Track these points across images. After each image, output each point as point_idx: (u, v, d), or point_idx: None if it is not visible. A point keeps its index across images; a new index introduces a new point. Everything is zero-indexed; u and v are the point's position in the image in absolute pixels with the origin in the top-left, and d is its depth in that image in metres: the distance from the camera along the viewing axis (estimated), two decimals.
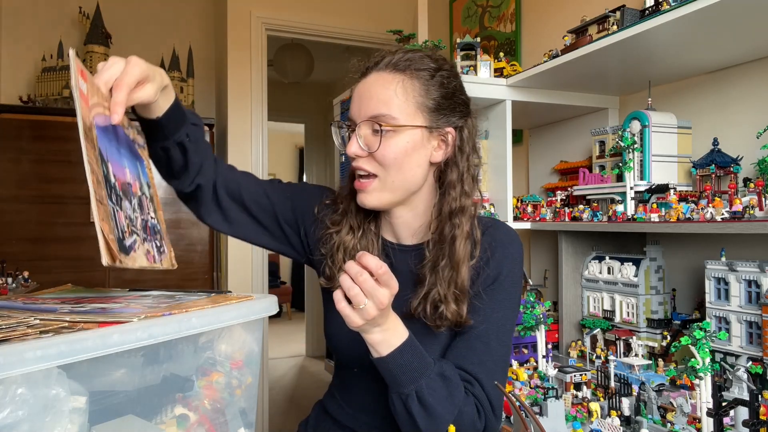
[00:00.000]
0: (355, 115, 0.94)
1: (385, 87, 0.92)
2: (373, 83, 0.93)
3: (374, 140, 0.91)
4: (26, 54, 3.17)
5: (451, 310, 0.91)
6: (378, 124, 0.90)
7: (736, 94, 1.59)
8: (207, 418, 0.68)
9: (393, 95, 0.91)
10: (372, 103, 0.92)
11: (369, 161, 0.92)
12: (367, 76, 0.95)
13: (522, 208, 2.00)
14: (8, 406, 0.47)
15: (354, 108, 0.95)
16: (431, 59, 0.96)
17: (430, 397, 0.83)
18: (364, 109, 0.92)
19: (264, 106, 3.43)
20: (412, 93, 0.92)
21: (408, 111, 0.92)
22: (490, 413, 0.92)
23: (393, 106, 0.91)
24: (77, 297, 0.76)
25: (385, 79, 0.92)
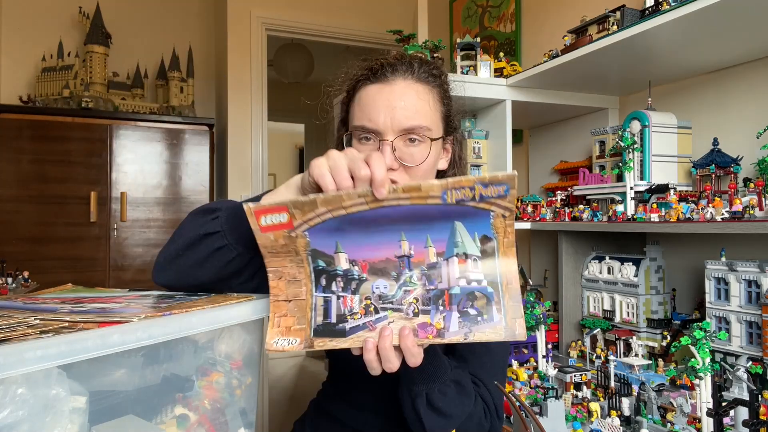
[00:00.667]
0: (385, 124, 0.87)
1: (419, 98, 0.89)
2: (404, 92, 0.88)
3: (410, 153, 0.88)
4: (26, 54, 3.17)
5: None
6: (417, 136, 0.88)
7: (736, 94, 1.59)
8: (207, 418, 0.68)
9: (427, 107, 0.90)
10: (409, 114, 0.87)
11: (400, 175, 0.89)
12: (390, 83, 0.89)
13: (522, 208, 2.00)
14: (8, 406, 0.47)
15: (382, 115, 0.87)
16: (439, 69, 0.95)
17: (439, 401, 0.82)
18: (399, 120, 0.87)
19: (264, 106, 3.43)
20: (437, 105, 0.92)
21: (436, 123, 0.91)
22: (495, 415, 0.93)
23: (428, 118, 0.89)
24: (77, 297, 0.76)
25: (417, 89, 0.89)
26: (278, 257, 0.66)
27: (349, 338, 0.66)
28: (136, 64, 3.33)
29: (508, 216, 0.63)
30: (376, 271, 0.66)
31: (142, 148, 3.03)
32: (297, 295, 0.67)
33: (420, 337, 0.66)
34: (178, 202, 3.09)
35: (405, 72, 0.90)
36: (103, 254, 2.94)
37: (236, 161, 3.36)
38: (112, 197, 2.96)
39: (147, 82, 3.38)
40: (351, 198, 0.63)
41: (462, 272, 0.65)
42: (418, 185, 0.61)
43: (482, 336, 0.65)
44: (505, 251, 0.65)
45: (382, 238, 0.65)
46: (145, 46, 3.46)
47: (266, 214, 0.64)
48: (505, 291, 0.65)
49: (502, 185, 0.61)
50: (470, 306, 0.65)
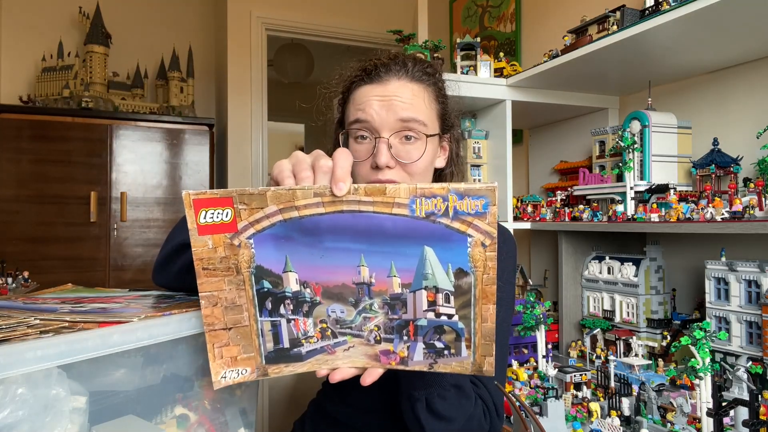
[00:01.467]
0: (381, 120, 0.87)
1: (414, 95, 0.89)
2: (399, 91, 0.89)
3: (406, 150, 0.88)
4: (26, 54, 3.17)
5: None
6: (413, 132, 0.88)
7: (736, 94, 1.59)
8: (207, 418, 0.68)
9: (422, 104, 0.90)
10: (405, 107, 0.88)
11: (397, 172, 0.89)
12: (384, 83, 0.90)
13: (522, 208, 2.00)
14: (8, 406, 0.47)
15: (376, 112, 0.88)
16: (433, 68, 0.95)
17: (439, 405, 0.82)
18: (394, 113, 0.87)
19: (264, 106, 3.43)
20: (432, 101, 0.92)
21: (432, 120, 0.92)
22: (495, 414, 0.92)
23: (423, 114, 0.89)
24: (77, 297, 0.76)
25: (411, 88, 0.90)
26: (214, 277, 0.56)
27: (307, 362, 0.60)
28: (136, 64, 3.33)
29: (489, 245, 0.55)
30: (331, 296, 0.59)
31: (142, 148, 3.03)
32: (237, 321, 0.58)
33: (382, 362, 0.61)
34: (178, 202, 3.09)
35: (399, 71, 0.91)
36: (103, 254, 2.94)
37: (236, 161, 3.36)
38: (112, 197, 2.96)
39: (147, 82, 3.38)
40: (306, 196, 0.55)
41: (430, 306, 0.58)
42: (384, 188, 0.54)
43: (447, 368, 0.60)
44: (483, 290, 0.56)
45: (338, 261, 0.57)
46: (145, 46, 3.46)
47: (208, 208, 0.55)
48: (478, 329, 0.58)
49: (480, 199, 0.54)
50: (437, 339, 0.59)
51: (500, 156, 1.87)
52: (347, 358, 0.61)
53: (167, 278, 0.85)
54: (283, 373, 0.60)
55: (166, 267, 0.84)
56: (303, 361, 0.60)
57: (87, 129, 2.93)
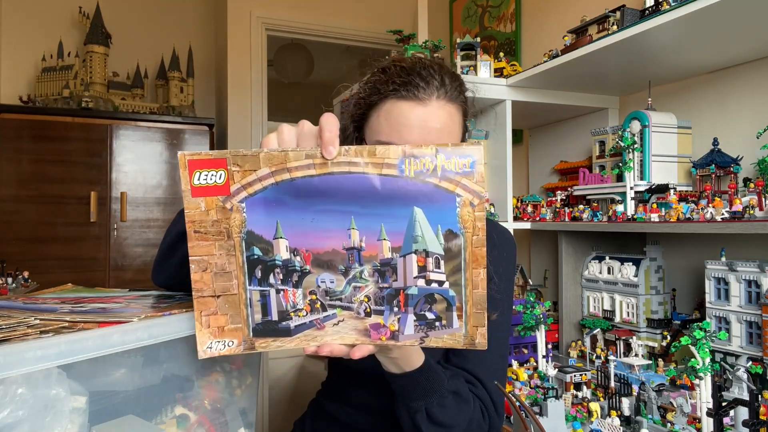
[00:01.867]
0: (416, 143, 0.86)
1: (451, 119, 0.88)
2: (439, 113, 0.86)
3: None
4: (26, 54, 3.17)
5: None
6: None
7: (736, 94, 1.59)
8: (207, 418, 0.68)
9: (456, 127, 0.89)
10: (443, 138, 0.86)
11: None
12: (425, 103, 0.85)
13: (522, 208, 2.00)
14: (8, 406, 0.47)
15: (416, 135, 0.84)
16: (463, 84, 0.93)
17: (439, 414, 0.82)
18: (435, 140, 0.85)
19: (264, 106, 3.43)
20: (461, 121, 0.92)
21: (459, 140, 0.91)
22: (494, 413, 0.92)
23: (456, 137, 0.89)
24: (77, 297, 0.76)
25: (449, 110, 0.87)
26: (206, 241, 0.57)
27: (296, 337, 0.59)
28: (136, 64, 3.32)
29: (477, 204, 0.56)
30: (321, 264, 0.58)
31: (142, 148, 3.03)
32: (226, 289, 0.58)
33: (372, 338, 0.60)
34: (178, 202, 3.09)
35: (438, 89, 0.86)
36: (103, 254, 2.93)
37: None
38: (112, 197, 2.96)
39: (147, 82, 3.37)
40: (298, 158, 0.55)
41: (421, 271, 0.58)
42: (374, 149, 0.55)
43: (439, 342, 0.59)
44: (473, 252, 0.57)
45: (328, 224, 0.57)
46: (145, 46, 3.46)
47: (202, 169, 0.55)
48: (469, 297, 0.58)
49: (467, 157, 0.55)
50: (428, 309, 0.59)
51: (500, 156, 1.87)
52: (336, 334, 0.60)
53: (167, 274, 0.84)
54: (270, 348, 0.59)
55: (165, 262, 0.84)
56: (291, 336, 0.59)
57: (87, 129, 2.93)
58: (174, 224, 0.84)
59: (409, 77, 0.86)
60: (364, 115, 0.92)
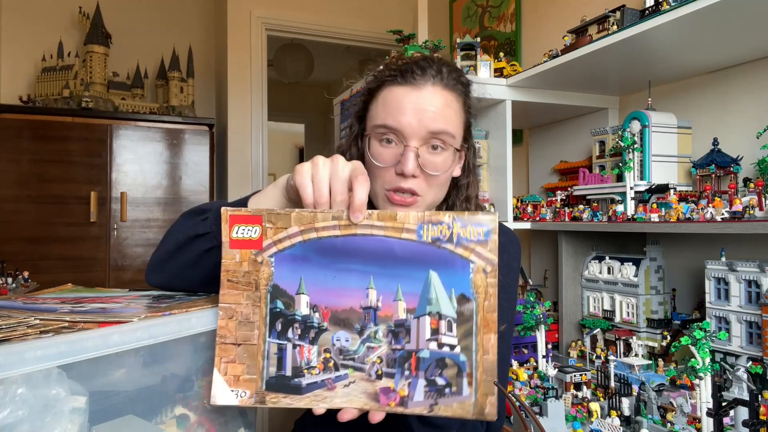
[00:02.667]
0: (411, 129, 0.85)
1: (448, 105, 0.87)
2: (433, 96, 0.86)
3: (432, 160, 0.87)
4: (26, 54, 3.17)
5: None
6: (441, 143, 0.86)
7: (736, 94, 1.59)
8: (207, 418, 0.68)
9: (454, 115, 0.89)
10: (437, 118, 0.86)
11: (419, 182, 0.87)
12: (419, 87, 0.86)
13: (522, 208, 2.00)
14: (8, 406, 0.47)
15: (408, 117, 0.85)
16: (465, 77, 0.94)
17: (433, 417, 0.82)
18: (426, 124, 0.85)
19: (264, 106, 3.43)
20: (461, 111, 0.91)
21: (459, 131, 0.91)
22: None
23: (454, 125, 0.88)
24: (77, 297, 0.76)
25: (446, 96, 0.88)
26: (236, 290, 0.61)
27: (306, 396, 0.60)
28: (136, 64, 3.33)
29: (490, 272, 0.58)
30: (338, 321, 0.60)
31: (142, 148, 3.03)
32: (248, 338, 0.60)
33: (381, 404, 0.59)
34: (178, 202, 3.09)
35: (435, 77, 0.88)
36: (103, 254, 2.94)
37: (236, 161, 3.36)
38: (112, 197, 2.96)
39: (147, 82, 3.38)
40: (325, 219, 0.60)
41: (433, 334, 0.59)
42: (395, 214, 0.60)
43: (448, 411, 0.59)
44: (485, 317, 0.58)
45: (349, 282, 0.60)
46: (145, 46, 3.46)
47: (240, 224, 0.61)
48: (480, 363, 0.58)
49: (482, 227, 0.58)
50: (439, 374, 0.59)
51: (500, 156, 1.87)
52: (346, 396, 0.60)
53: (166, 276, 0.84)
54: (281, 404, 0.60)
55: (168, 263, 0.83)
56: (302, 394, 0.60)
57: (87, 129, 2.93)
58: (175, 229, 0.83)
59: (407, 66, 0.88)
60: (366, 106, 0.93)
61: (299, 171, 0.65)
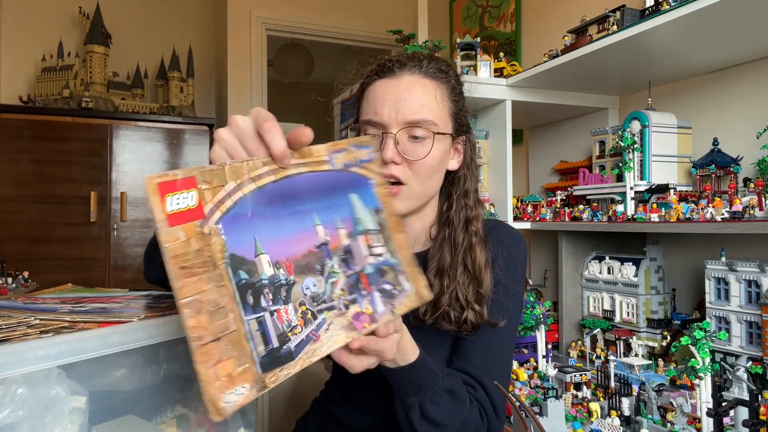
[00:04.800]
0: (390, 117, 0.87)
1: (425, 92, 0.89)
2: (410, 85, 0.88)
3: (413, 147, 0.88)
4: (26, 54, 3.17)
5: (477, 311, 0.92)
6: (421, 129, 0.87)
7: (736, 94, 1.59)
8: (207, 418, 0.68)
9: (434, 101, 0.89)
10: (414, 107, 0.87)
11: (403, 169, 0.88)
12: (397, 78, 0.89)
13: (522, 208, 2.00)
14: (8, 406, 0.47)
15: (387, 108, 0.88)
16: (451, 67, 0.95)
17: (433, 411, 0.82)
18: (403, 113, 0.87)
19: (264, 106, 3.42)
20: (445, 102, 0.91)
21: (443, 119, 0.91)
22: (493, 416, 0.92)
23: (434, 112, 0.89)
24: (77, 297, 0.76)
25: (424, 84, 0.89)
26: (193, 276, 0.50)
27: (299, 359, 0.56)
28: (136, 64, 3.32)
29: (383, 183, 0.67)
30: (302, 270, 0.58)
31: (142, 148, 3.03)
32: (225, 327, 0.51)
33: (359, 330, 0.61)
34: None
35: (413, 67, 0.90)
36: (103, 254, 2.93)
37: None
38: (112, 197, 2.96)
39: (147, 82, 3.37)
40: (257, 166, 0.56)
41: (368, 250, 0.64)
42: (309, 149, 0.60)
43: (402, 308, 0.65)
44: (393, 220, 0.67)
45: (298, 225, 0.58)
46: (145, 46, 3.46)
47: (173, 192, 0.49)
48: (404, 258, 0.67)
49: (368, 148, 0.66)
50: (384, 282, 0.64)
51: (500, 156, 1.87)
52: (330, 340, 0.59)
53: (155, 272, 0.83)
54: (280, 379, 0.56)
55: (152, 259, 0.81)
56: (294, 359, 0.56)
57: (87, 129, 2.93)
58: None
59: (387, 62, 0.91)
60: (359, 106, 0.96)
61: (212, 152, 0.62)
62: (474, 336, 0.94)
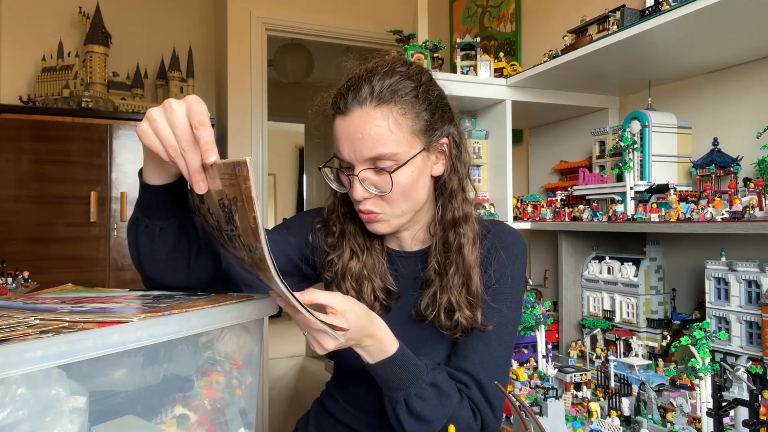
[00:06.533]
0: (350, 157, 0.87)
1: (376, 125, 0.84)
2: (361, 123, 0.85)
3: (379, 180, 0.87)
4: (26, 54, 3.17)
5: (466, 316, 0.92)
6: (383, 161, 0.86)
7: (736, 94, 1.59)
8: (207, 418, 0.68)
9: (388, 132, 0.85)
10: (368, 145, 0.85)
11: (376, 201, 0.89)
12: (350, 114, 0.86)
13: (522, 208, 2.00)
14: (8, 406, 0.47)
15: (346, 149, 0.87)
16: (408, 77, 0.88)
17: (417, 405, 0.83)
18: (360, 152, 0.85)
19: (264, 106, 3.43)
20: (405, 122, 0.86)
21: (406, 141, 0.86)
22: (489, 414, 0.92)
23: (391, 142, 0.85)
24: (77, 297, 0.76)
25: (373, 116, 0.85)
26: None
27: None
28: (136, 64, 3.32)
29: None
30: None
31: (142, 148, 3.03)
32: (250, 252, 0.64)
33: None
34: None
35: (361, 99, 0.85)
36: (103, 254, 2.93)
37: None
38: (112, 197, 2.96)
39: (147, 82, 3.37)
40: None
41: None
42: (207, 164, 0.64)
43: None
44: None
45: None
46: (145, 46, 3.46)
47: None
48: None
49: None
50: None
51: (500, 156, 1.87)
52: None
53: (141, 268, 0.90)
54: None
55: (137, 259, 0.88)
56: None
57: (87, 129, 2.93)
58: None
59: (338, 91, 0.89)
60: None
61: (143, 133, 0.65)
62: (472, 334, 0.94)
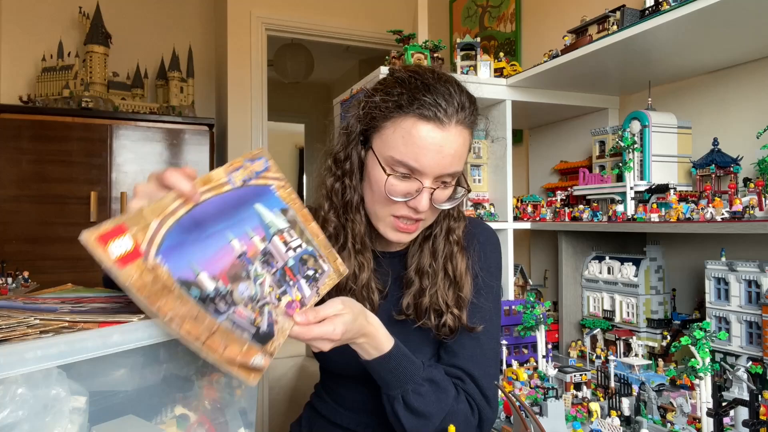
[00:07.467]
0: (430, 168, 0.85)
1: (465, 145, 0.90)
2: (457, 140, 0.87)
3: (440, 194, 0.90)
4: (26, 54, 3.17)
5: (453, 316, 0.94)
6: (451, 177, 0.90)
7: (736, 94, 1.59)
8: (207, 418, 0.68)
9: (466, 151, 0.92)
10: (455, 162, 0.88)
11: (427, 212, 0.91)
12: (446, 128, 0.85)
13: (522, 208, 2.00)
14: (8, 406, 0.47)
15: (428, 159, 0.85)
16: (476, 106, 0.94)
17: (415, 401, 0.84)
18: (446, 167, 0.86)
19: (264, 106, 3.43)
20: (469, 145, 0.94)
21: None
22: (485, 406, 0.93)
23: (464, 161, 0.91)
24: (77, 297, 0.76)
25: (465, 136, 0.90)
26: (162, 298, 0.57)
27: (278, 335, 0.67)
28: (136, 64, 3.32)
29: (283, 184, 0.75)
30: (234, 278, 0.65)
31: (142, 148, 3.03)
32: (210, 327, 0.60)
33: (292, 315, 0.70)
34: None
35: (458, 113, 0.87)
36: None
37: None
38: (112, 197, 2.96)
39: (147, 82, 3.37)
40: (171, 201, 0.62)
41: (285, 246, 0.72)
42: (209, 175, 0.67)
43: (325, 287, 0.75)
44: (302, 214, 0.76)
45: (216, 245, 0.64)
46: (145, 46, 3.46)
47: (111, 240, 0.55)
48: (319, 243, 0.77)
49: (261, 159, 0.73)
50: (306, 268, 0.74)
51: (500, 156, 1.87)
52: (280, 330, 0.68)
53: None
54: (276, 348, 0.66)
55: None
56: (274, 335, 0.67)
57: (87, 129, 2.93)
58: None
59: (432, 96, 0.85)
60: (377, 124, 0.90)
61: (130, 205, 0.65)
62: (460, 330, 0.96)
